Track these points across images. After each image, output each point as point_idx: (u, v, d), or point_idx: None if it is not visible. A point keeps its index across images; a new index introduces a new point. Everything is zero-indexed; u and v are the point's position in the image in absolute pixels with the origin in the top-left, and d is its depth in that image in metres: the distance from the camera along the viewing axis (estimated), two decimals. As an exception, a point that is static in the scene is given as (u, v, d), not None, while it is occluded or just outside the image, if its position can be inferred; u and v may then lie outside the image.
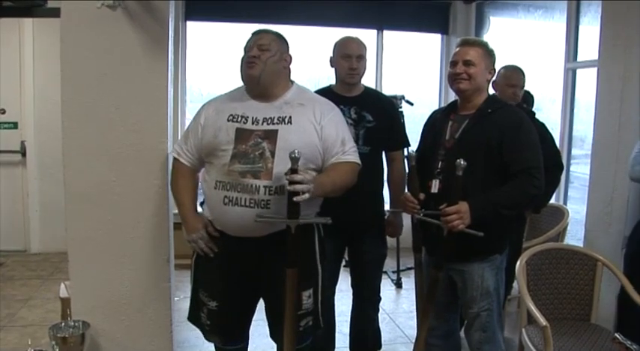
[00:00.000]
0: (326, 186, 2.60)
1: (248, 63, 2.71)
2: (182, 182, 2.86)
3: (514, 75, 3.99)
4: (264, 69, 2.69)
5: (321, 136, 2.70)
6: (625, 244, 3.74)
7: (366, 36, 6.47)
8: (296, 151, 2.42)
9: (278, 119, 2.66)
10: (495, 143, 2.80)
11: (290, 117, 2.67)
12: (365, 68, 3.43)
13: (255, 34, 2.80)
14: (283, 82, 2.79)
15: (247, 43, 2.80)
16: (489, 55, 2.95)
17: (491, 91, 3.87)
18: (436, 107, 5.96)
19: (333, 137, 2.72)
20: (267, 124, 2.65)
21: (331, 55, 3.46)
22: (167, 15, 3.06)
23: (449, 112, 3.05)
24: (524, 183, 2.76)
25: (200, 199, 2.93)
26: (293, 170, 2.43)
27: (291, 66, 2.85)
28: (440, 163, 2.96)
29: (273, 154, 2.60)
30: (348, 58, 3.35)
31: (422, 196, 2.98)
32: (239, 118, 2.68)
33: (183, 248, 3.81)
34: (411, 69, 7.22)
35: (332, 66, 3.46)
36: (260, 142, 2.62)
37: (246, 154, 2.61)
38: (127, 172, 3.05)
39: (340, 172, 2.70)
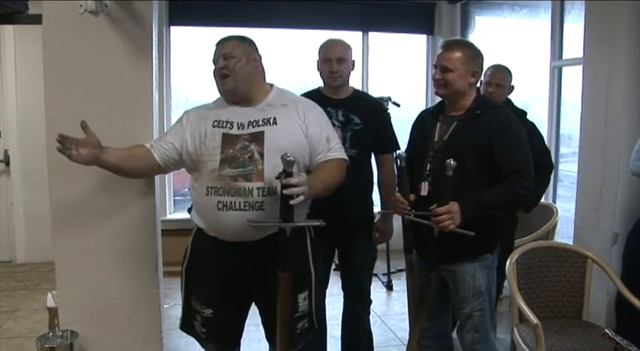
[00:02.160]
0: (317, 187, 2.59)
1: (220, 77, 2.74)
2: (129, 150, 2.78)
3: (496, 74, 4.02)
4: (235, 77, 2.70)
5: (307, 135, 2.71)
6: (615, 240, 3.78)
7: (352, 38, 6.48)
8: (289, 154, 2.41)
9: (263, 121, 2.67)
10: (485, 145, 2.81)
11: (274, 118, 2.68)
12: (349, 70, 3.45)
13: (218, 44, 2.81)
14: (259, 82, 2.80)
15: (214, 55, 2.81)
16: (473, 57, 2.92)
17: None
18: (423, 108, 5.99)
19: (318, 135, 2.74)
20: (253, 126, 2.66)
21: (317, 58, 3.48)
22: (151, 20, 3.05)
23: (437, 113, 3.05)
24: (514, 184, 2.77)
25: (188, 204, 2.92)
26: (288, 173, 2.42)
27: (264, 65, 2.86)
28: (429, 165, 2.97)
29: (262, 156, 2.60)
30: (328, 61, 3.38)
31: (412, 196, 2.99)
32: (224, 124, 2.69)
33: (172, 255, 3.82)
34: (397, 70, 7.23)
35: (318, 70, 3.49)
36: (248, 145, 2.63)
37: (235, 158, 2.62)
38: (114, 180, 3.02)
39: (328, 171, 2.71)
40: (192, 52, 6.64)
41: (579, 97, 4.20)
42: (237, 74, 2.70)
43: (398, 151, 3.35)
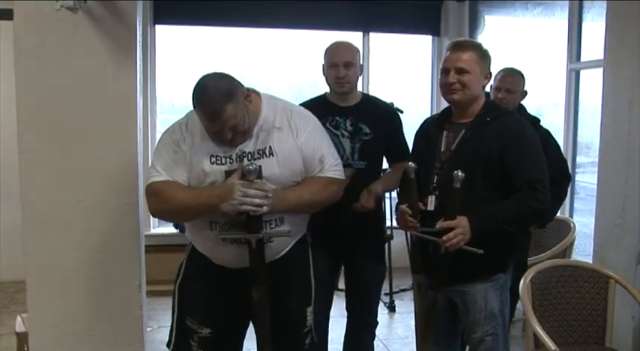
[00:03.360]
0: (288, 200, 2.62)
1: (229, 141, 2.60)
2: (182, 190, 2.64)
3: (506, 78, 4.01)
4: (245, 131, 2.62)
5: (302, 155, 2.71)
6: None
7: (352, 39, 6.37)
8: (253, 164, 2.51)
9: (258, 153, 2.66)
10: (496, 155, 2.80)
11: (270, 147, 2.66)
12: (357, 75, 3.46)
13: (206, 112, 2.51)
14: (251, 113, 2.66)
15: (206, 124, 2.57)
16: (484, 57, 2.93)
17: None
18: (428, 115, 5.97)
19: (311, 156, 2.73)
20: (248, 160, 2.64)
21: (322, 62, 3.49)
22: (135, 18, 3.04)
23: (443, 121, 3.04)
24: (527, 197, 2.76)
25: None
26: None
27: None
28: (435, 177, 2.95)
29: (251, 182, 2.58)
30: (335, 66, 3.39)
31: (422, 207, 2.96)
32: (222, 159, 2.65)
33: (156, 273, 3.78)
34: (400, 74, 7.24)
35: (323, 75, 3.51)
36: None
37: None
38: (93, 191, 3.02)
39: (310, 187, 2.71)
40: (178, 52, 6.64)
41: (599, 103, 4.19)
42: (246, 128, 2.62)
43: (408, 163, 3.32)
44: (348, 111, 3.41)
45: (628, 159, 3.88)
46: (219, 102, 2.47)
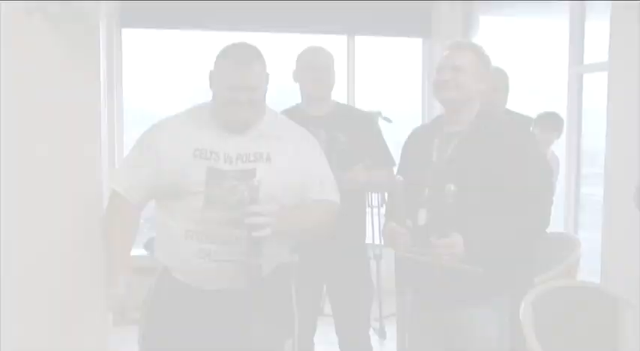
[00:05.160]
0: (292, 222, 2.60)
1: (235, 104, 2.55)
2: (119, 219, 2.72)
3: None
4: (256, 110, 2.61)
5: (301, 175, 2.68)
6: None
7: (335, 43, 6.53)
8: (255, 179, 2.47)
9: (255, 156, 2.61)
10: (493, 166, 2.77)
11: (268, 154, 2.63)
12: (334, 81, 3.54)
13: (237, 56, 2.57)
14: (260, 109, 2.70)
15: (223, 66, 2.58)
16: (483, 61, 2.93)
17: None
18: (419, 123, 5.96)
19: (312, 177, 2.72)
20: (243, 161, 2.60)
21: (294, 68, 3.54)
22: (97, 19, 3.04)
23: (434, 129, 3.02)
24: (528, 214, 2.74)
25: (144, 237, 2.86)
26: (251, 200, 2.44)
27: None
28: (426, 190, 2.90)
29: (254, 201, 2.51)
30: (313, 69, 3.45)
31: (409, 223, 2.91)
32: (208, 154, 2.60)
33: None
34: (388, 80, 7.29)
35: (296, 81, 3.55)
36: (237, 185, 2.57)
37: (223, 199, 2.56)
38: (52, 213, 3.00)
39: (313, 212, 2.71)
40: (149, 59, 6.60)
41: (604, 109, 4.18)
42: (258, 106, 2.61)
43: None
44: (322, 121, 3.45)
45: (638, 170, 3.86)
46: (252, 54, 2.60)
